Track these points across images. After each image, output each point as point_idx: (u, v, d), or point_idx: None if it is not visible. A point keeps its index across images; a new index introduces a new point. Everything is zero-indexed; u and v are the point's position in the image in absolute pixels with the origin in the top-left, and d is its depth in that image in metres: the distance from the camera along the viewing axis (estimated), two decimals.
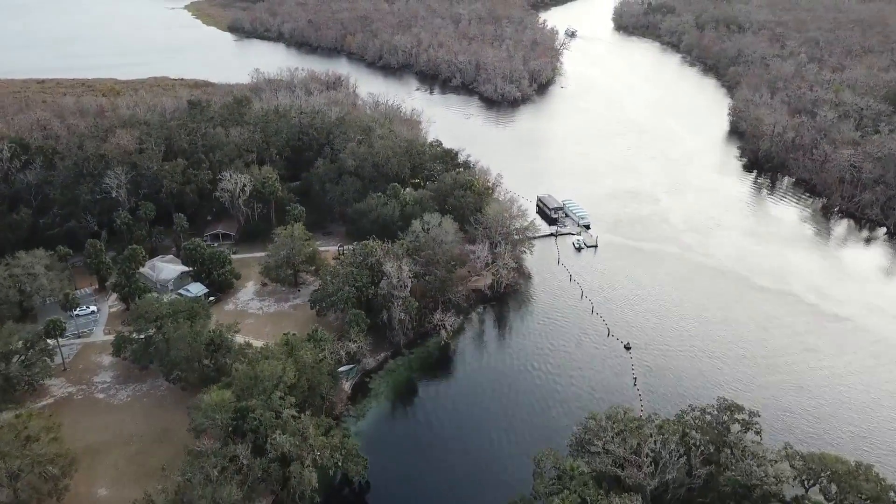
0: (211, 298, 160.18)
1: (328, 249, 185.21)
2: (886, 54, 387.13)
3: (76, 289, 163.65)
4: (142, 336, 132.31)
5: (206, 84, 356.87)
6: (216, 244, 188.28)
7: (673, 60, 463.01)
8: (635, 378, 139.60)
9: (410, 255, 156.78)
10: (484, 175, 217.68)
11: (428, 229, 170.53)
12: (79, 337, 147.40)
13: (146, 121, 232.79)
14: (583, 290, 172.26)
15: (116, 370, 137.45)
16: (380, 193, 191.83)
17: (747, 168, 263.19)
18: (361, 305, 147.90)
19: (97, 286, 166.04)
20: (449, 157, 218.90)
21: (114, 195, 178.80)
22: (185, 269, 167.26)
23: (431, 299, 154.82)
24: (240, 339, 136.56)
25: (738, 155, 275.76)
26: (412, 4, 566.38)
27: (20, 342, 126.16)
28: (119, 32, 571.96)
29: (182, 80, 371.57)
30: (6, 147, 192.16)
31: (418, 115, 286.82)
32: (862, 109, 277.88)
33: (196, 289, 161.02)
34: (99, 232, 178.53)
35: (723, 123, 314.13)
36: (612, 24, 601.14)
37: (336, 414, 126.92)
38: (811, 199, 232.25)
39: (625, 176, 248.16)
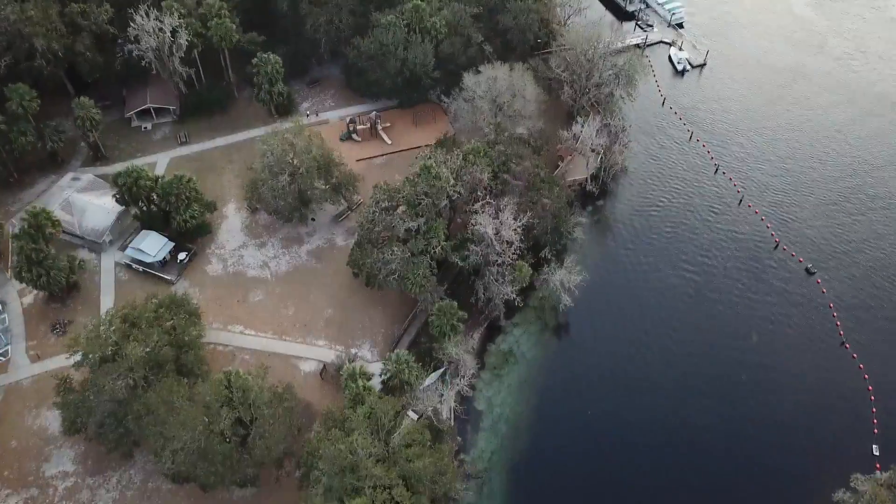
0: (182, 258, 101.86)
1: (326, 120, 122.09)
2: None
3: None
4: (105, 405, 78.25)
5: None
6: (147, 126, 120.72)
7: None
8: (843, 338, 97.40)
9: (494, 164, 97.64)
10: None
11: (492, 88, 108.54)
12: None
13: None
14: (717, 163, 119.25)
15: (79, 447, 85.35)
16: (392, 16, 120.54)
17: None
18: (437, 272, 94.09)
19: None
20: None
21: None
22: (121, 206, 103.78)
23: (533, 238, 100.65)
24: (251, 339, 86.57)
25: None
26: None
27: None
28: None
29: None
30: None
31: None
32: None
33: (154, 245, 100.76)
34: None
35: None
36: None
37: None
38: None
39: None
